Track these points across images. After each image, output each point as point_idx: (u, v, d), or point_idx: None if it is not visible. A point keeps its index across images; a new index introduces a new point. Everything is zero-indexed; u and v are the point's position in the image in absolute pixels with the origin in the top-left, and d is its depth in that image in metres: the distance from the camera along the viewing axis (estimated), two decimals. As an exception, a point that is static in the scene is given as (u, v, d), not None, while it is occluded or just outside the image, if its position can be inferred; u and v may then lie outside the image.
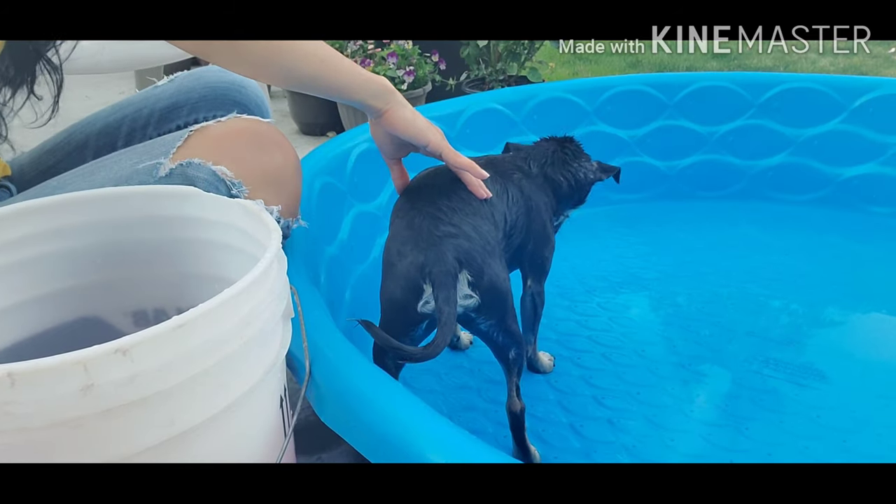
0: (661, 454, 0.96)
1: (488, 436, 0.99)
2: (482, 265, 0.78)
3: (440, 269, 0.75)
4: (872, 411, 1.03)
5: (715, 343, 1.22)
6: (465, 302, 0.79)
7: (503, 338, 0.85)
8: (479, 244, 0.79)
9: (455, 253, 0.77)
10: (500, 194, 0.91)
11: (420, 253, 0.77)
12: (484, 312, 0.82)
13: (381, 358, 0.84)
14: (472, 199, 0.85)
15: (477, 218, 0.83)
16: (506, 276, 0.83)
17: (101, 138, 0.91)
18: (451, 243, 0.77)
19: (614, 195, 1.82)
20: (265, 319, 0.55)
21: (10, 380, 0.41)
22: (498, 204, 0.90)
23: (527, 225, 0.96)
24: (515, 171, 0.98)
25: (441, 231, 0.78)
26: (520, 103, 1.73)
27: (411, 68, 2.44)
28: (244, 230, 0.69)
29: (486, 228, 0.83)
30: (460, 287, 0.77)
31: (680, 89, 1.85)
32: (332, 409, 0.67)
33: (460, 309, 0.79)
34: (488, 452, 0.58)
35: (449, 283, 0.75)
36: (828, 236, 1.68)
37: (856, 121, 1.76)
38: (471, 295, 0.78)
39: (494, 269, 0.80)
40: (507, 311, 0.84)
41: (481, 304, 0.79)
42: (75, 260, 0.72)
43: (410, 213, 0.82)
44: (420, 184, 0.90)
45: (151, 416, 0.47)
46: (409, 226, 0.81)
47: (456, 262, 0.76)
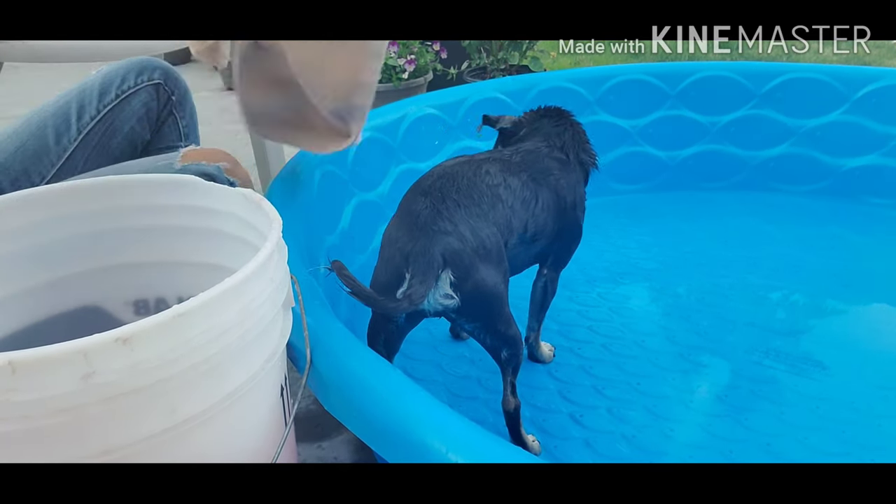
0: (661, 444, 0.96)
1: (489, 424, 0.99)
2: (469, 268, 0.77)
3: (423, 261, 0.75)
4: (872, 402, 1.03)
5: (715, 334, 1.22)
6: (445, 301, 0.78)
7: (490, 339, 0.85)
8: (471, 246, 0.78)
9: (442, 250, 0.76)
10: (528, 201, 0.90)
11: (409, 242, 0.76)
12: (465, 315, 0.81)
13: (374, 341, 0.85)
14: (484, 200, 0.84)
15: (481, 220, 0.81)
16: (497, 282, 0.81)
17: (56, 118, 1.02)
18: (443, 240, 0.76)
19: (616, 185, 1.82)
20: (266, 309, 0.55)
21: (11, 368, 0.41)
22: (521, 211, 0.88)
23: (557, 228, 0.95)
24: (553, 170, 0.96)
25: (437, 226, 0.78)
26: (522, 92, 1.72)
27: (412, 57, 2.43)
28: (244, 219, 0.68)
29: (488, 233, 0.81)
30: (441, 286, 0.76)
31: (682, 79, 1.84)
32: (334, 397, 0.68)
33: (439, 307, 0.78)
34: (488, 440, 0.58)
35: (428, 275, 0.74)
36: (829, 227, 1.67)
37: (858, 111, 1.75)
38: (451, 295, 0.77)
39: (482, 274, 0.78)
40: (496, 316, 0.83)
41: (462, 306, 0.78)
42: (76, 249, 0.72)
43: (418, 199, 0.82)
44: (443, 170, 0.88)
45: (152, 405, 0.48)
46: (409, 212, 0.80)
47: (441, 258, 0.75)
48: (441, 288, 0.77)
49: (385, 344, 0.87)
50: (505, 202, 0.87)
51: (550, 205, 0.93)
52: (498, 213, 0.85)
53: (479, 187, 0.85)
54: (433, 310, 0.80)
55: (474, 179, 0.85)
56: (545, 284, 1.04)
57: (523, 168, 0.92)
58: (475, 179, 0.85)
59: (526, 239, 0.91)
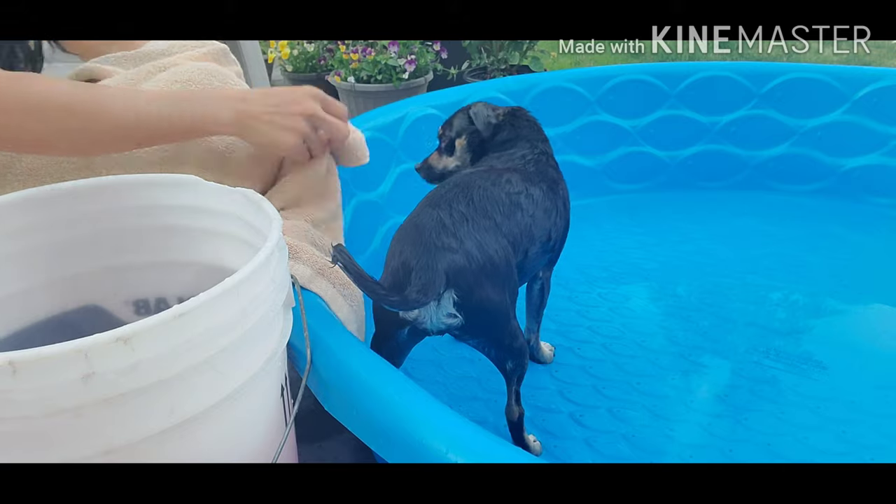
0: (661, 444, 0.96)
1: (489, 424, 0.99)
2: (472, 286, 0.75)
3: (426, 276, 0.73)
4: (872, 401, 1.03)
5: (715, 333, 1.22)
6: (448, 321, 0.76)
7: (496, 352, 0.84)
8: (477, 264, 0.76)
9: (447, 267, 0.74)
10: (549, 210, 0.90)
11: (413, 257, 0.75)
12: (469, 332, 0.80)
13: (378, 345, 0.85)
14: (498, 211, 0.82)
15: (489, 234, 0.79)
16: (502, 298, 0.79)
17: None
18: (447, 258, 0.74)
19: (616, 185, 1.82)
20: (266, 309, 0.55)
21: (11, 368, 0.41)
22: (543, 220, 0.88)
23: (564, 231, 0.97)
24: (558, 179, 0.97)
25: (441, 242, 0.75)
26: (522, 92, 1.72)
27: (413, 57, 2.43)
28: (245, 219, 0.68)
29: (496, 247, 0.79)
30: (444, 305, 0.75)
31: (682, 79, 1.85)
32: (334, 397, 0.68)
33: (442, 325, 0.77)
34: (488, 440, 0.58)
35: (430, 289, 0.73)
36: (829, 227, 1.67)
37: (858, 111, 1.75)
38: (454, 315, 0.76)
39: (487, 292, 0.76)
40: (501, 330, 0.81)
41: (465, 324, 0.77)
42: (76, 248, 0.72)
43: (426, 211, 0.81)
44: (459, 180, 0.87)
45: (152, 405, 0.48)
46: (416, 224, 0.79)
47: (444, 276, 0.73)
48: (444, 307, 0.75)
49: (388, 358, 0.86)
50: (525, 211, 0.86)
51: (563, 212, 0.95)
52: (514, 223, 0.84)
53: (498, 197, 0.84)
54: (436, 328, 0.78)
55: (492, 190, 0.84)
56: (542, 286, 1.04)
57: (541, 178, 0.93)
58: (493, 190, 0.84)
59: (548, 247, 0.92)
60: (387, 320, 0.80)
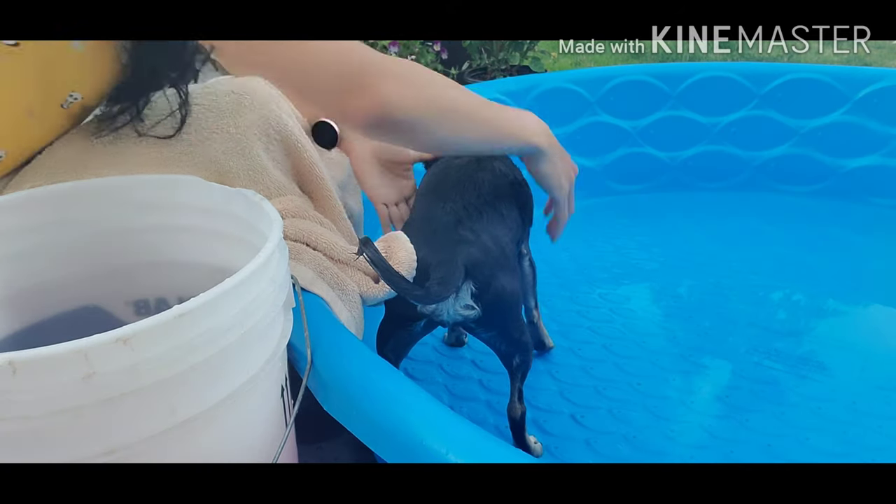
0: (662, 445, 0.96)
1: (489, 425, 0.99)
2: (490, 278, 0.76)
3: (445, 269, 0.73)
4: (873, 403, 1.03)
5: (716, 334, 1.22)
6: (466, 312, 0.77)
7: (506, 346, 0.85)
8: (493, 256, 0.77)
9: (465, 260, 0.75)
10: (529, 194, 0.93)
11: (431, 253, 0.75)
12: (485, 324, 0.81)
13: (382, 345, 0.85)
14: (503, 205, 0.83)
15: (498, 227, 0.81)
16: (515, 288, 0.81)
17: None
18: (465, 251, 0.75)
19: (616, 186, 1.82)
20: (266, 309, 0.55)
21: (11, 368, 0.41)
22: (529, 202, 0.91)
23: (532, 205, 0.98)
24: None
25: (458, 235, 0.77)
26: (522, 93, 1.72)
27: (413, 57, 2.43)
28: (245, 219, 0.68)
29: (506, 240, 0.81)
30: (462, 296, 0.76)
31: (683, 79, 1.85)
32: (334, 397, 0.68)
33: (459, 317, 0.78)
34: (489, 441, 0.58)
35: (450, 281, 0.73)
36: (830, 228, 1.67)
37: (859, 112, 1.75)
38: (472, 306, 0.77)
39: (502, 282, 0.78)
40: (512, 323, 0.82)
41: (482, 316, 0.78)
42: (76, 249, 0.72)
43: (434, 203, 0.81)
44: (459, 173, 0.87)
45: (152, 406, 0.47)
46: (427, 218, 0.79)
47: (463, 269, 0.74)
48: (462, 299, 0.76)
49: (394, 350, 0.87)
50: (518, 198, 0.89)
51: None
52: (514, 215, 0.85)
53: (493, 189, 0.85)
54: (453, 320, 0.79)
55: (489, 181, 0.85)
56: (529, 261, 1.04)
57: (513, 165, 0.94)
58: (491, 182, 0.85)
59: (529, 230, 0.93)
60: (404, 314, 0.80)
